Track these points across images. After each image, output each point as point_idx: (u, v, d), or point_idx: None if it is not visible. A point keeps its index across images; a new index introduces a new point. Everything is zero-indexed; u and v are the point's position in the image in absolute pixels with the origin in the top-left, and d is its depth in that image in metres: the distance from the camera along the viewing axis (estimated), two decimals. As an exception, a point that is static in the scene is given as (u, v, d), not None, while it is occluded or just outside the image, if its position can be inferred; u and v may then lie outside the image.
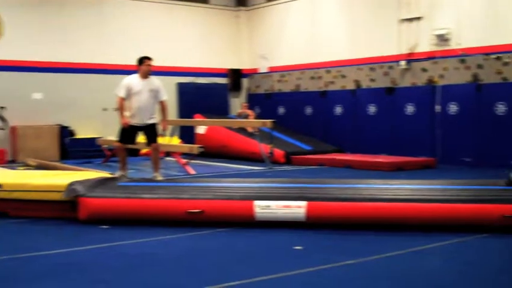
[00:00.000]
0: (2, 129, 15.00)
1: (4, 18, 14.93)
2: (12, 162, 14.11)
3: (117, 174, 8.78)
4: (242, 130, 15.22)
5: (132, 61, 9.34)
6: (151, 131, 9.16)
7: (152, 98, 9.07)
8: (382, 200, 6.59)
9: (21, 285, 4.68)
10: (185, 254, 5.61)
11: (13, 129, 15.01)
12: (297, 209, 6.54)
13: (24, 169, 11.92)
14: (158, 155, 9.33)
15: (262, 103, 17.96)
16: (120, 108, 8.93)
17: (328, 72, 16.13)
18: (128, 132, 9.04)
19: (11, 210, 7.38)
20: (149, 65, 9.03)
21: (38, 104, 15.41)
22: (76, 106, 15.80)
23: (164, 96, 9.24)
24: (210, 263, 5.30)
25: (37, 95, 15.47)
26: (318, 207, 6.55)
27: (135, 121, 8.99)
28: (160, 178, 8.92)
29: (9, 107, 15.00)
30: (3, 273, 4.98)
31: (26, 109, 15.18)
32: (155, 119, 9.22)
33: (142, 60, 9.04)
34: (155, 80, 9.18)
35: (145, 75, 9.02)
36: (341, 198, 6.69)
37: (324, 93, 16.13)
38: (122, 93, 8.89)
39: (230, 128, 15.39)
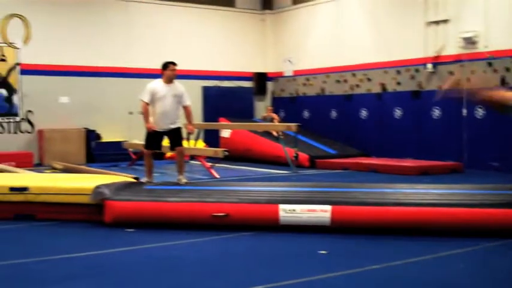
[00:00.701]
0: (29, 132, 15.19)
1: (31, 22, 15.12)
2: (39, 166, 14.27)
3: (144, 180, 8.82)
4: (267, 134, 15.22)
5: (158, 65, 9.38)
6: (175, 135, 9.17)
7: (176, 103, 9.09)
8: (407, 204, 6.54)
9: (48, 287, 4.72)
10: (210, 258, 5.62)
11: (40, 133, 15.18)
12: (322, 213, 6.51)
13: (50, 172, 12.05)
14: (183, 159, 9.34)
15: (287, 107, 17.95)
16: (145, 113, 8.96)
17: (353, 75, 16.06)
18: (153, 138, 9.06)
19: (38, 213, 7.45)
20: (173, 70, 9.03)
21: (65, 108, 15.57)
22: (102, 110, 15.93)
23: (188, 102, 9.24)
24: (235, 266, 5.30)
25: (64, 99, 15.62)
26: (343, 212, 6.51)
27: (160, 126, 9.00)
28: (184, 181, 8.93)
29: (36, 111, 15.19)
30: (31, 276, 5.04)
31: (52, 113, 15.34)
32: (179, 123, 9.24)
33: (167, 65, 9.05)
34: (179, 85, 9.19)
35: (169, 80, 9.04)
36: (366, 202, 6.65)
37: (349, 97, 16.07)
38: (146, 98, 8.91)
39: (255, 132, 15.39)
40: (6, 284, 4.77)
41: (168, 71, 9.01)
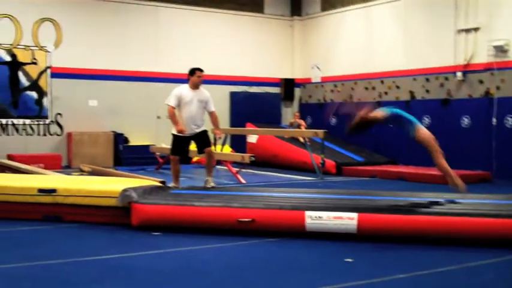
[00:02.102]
0: (58, 135, 15.35)
1: (62, 26, 15.31)
2: (67, 168, 14.43)
3: (171, 185, 8.85)
4: (293, 140, 15.20)
5: (186, 70, 9.42)
6: (202, 138, 9.17)
7: (201, 108, 9.11)
8: (435, 213, 6.46)
9: (74, 289, 4.77)
10: (236, 263, 5.61)
11: (69, 135, 15.34)
12: (348, 220, 6.47)
13: (78, 174, 12.16)
14: (212, 160, 9.35)
15: (314, 113, 17.90)
16: (172, 117, 8.99)
17: (382, 82, 15.97)
18: (179, 143, 9.07)
19: (66, 215, 7.52)
20: (200, 77, 9.06)
21: (94, 111, 15.73)
22: (130, 113, 16.06)
23: (213, 108, 9.24)
24: (261, 272, 5.29)
25: (93, 102, 15.79)
26: (370, 219, 6.46)
27: (186, 132, 9.02)
28: (212, 184, 8.94)
29: (65, 114, 15.37)
30: (57, 278, 5.07)
31: (81, 116, 15.51)
32: (204, 126, 9.23)
33: (194, 71, 9.08)
34: (205, 91, 9.20)
35: (195, 86, 9.06)
36: (393, 210, 6.59)
37: (377, 104, 15.95)
38: (172, 102, 8.95)
39: (281, 138, 15.38)
40: (33, 286, 4.82)
41: (194, 77, 9.04)
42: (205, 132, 9.19)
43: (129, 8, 16.19)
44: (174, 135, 9.09)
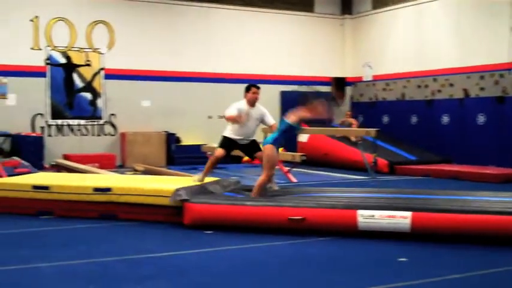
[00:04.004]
0: (112, 135, 15.63)
1: (115, 28, 15.58)
2: (121, 167, 14.67)
3: (195, 177, 8.63)
4: (345, 139, 15.10)
5: (237, 70, 9.43)
6: (252, 146, 8.99)
7: (256, 125, 9.00)
8: (491, 212, 6.33)
9: (128, 285, 4.84)
10: (287, 262, 5.61)
11: (122, 136, 15.60)
12: (401, 219, 6.39)
13: (132, 174, 12.35)
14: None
15: (366, 112, 17.76)
16: (231, 116, 8.73)
17: (434, 80, 15.73)
18: (228, 143, 8.90)
19: (120, 213, 7.66)
20: (255, 93, 8.79)
21: (146, 111, 15.96)
22: (182, 113, 16.22)
23: (272, 121, 9.07)
24: (314, 271, 5.27)
25: (145, 103, 16.02)
26: (424, 218, 6.37)
27: (236, 137, 8.86)
28: (276, 188, 8.75)
29: (119, 114, 15.63)
30: (111, 274, 5.17)
31: (135, 116, 15.75)
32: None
33: (249, 87, 8.84)
34: (261, 108, 8.91)
35: (252, 104, 8.91)
36: (448, 209, 6.48)
37: (430, 102, 15.74)
38: (234, 112, 8.74)
39: (333, 137, 15.29)
40: (88, 282, 4.92)
41: (249, 94, 8.74)
42: (254, 140, 9.01)
43: (181, 10, 16.34)
44: (224, 136, 9.02)
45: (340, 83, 18.37)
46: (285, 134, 7.93)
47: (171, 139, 15.92)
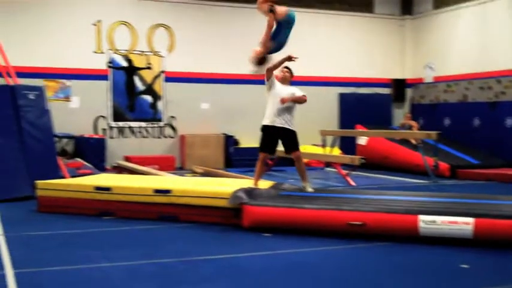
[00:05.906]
0: (172, 137, 15.83)
1: (175, 32, 15.78)
2: (180, 169, 14.83)
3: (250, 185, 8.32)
4: (405, 142, 14.87)
5: (295, 72, 9.42)
6: (289, 139, 8.61)
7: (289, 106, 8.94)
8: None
9: (188, 287, 4.88)
10: (346, 266, 5.55)
11: (182, 138, 15.78)
12: (464, 225, 6.24)
13: (191, 176, 12.46)
14: (301, 165, 8.70)
15: (426, 114, 17.45)
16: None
17: (498, 82, 15.33)
18: (267, 138, 8.62)
19: (180, 215, 7.73)
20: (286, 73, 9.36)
21: (205, 114, 16.10)
22: (240, 116, 16.29)
23: (300, 93, 9.13)
24: (374, 277, 5.20)
25: (205, 105, 16.16)
26: (487, 224, 6.20)
27: (272, 121, 8.69)
28: (310, 189, 8.49)
29: (178, 117, 15.82)
30: (173, 275, 5.22)
31: (194, 118, 15.92)
32: (294, 127, 8.69)
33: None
34: (293, 88, 9.19)
35: (284, 81, 9.28)
36: (513, 215, 6.29)
37: (493, 104, 15.35)
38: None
39: (392, 140, 15.09)
40: (149, 283, 4.99)
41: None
42: (293, 133, 8.65)
43: (240, 12, 16.41)
44: (262, 129, 8.74)
45: (399, 85, 18.12)
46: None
47: (230, 141, 16.00)
